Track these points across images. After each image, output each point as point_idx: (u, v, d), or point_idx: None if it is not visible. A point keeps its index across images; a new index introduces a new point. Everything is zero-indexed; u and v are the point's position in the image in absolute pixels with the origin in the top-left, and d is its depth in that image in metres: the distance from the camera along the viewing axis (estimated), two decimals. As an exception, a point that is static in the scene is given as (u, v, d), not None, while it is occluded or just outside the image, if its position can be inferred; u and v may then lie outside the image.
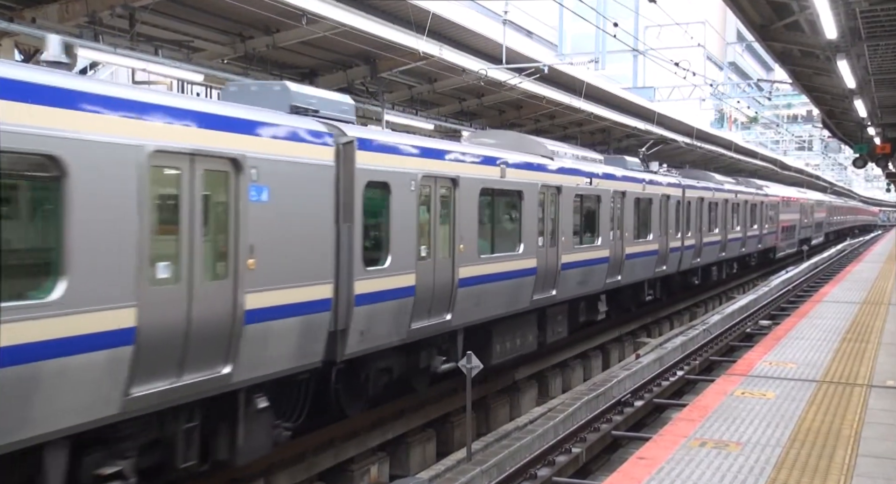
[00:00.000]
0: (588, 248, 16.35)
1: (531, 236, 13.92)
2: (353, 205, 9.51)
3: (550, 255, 14.65)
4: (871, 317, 15.82)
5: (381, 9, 15.25)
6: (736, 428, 8.03)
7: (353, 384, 10.68)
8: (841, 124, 24.10)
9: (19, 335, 5.95)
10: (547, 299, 14.59)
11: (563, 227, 15.12)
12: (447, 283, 11.53)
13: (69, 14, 12.11)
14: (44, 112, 6.22)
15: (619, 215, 18.13)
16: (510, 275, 13.20)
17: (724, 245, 27.72)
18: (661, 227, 21.00)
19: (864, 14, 10.42)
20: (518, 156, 13.80)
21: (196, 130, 7.59)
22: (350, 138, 9.57)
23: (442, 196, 11.55)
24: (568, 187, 15.38)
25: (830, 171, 76.39)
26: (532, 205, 13.95)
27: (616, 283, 17.98)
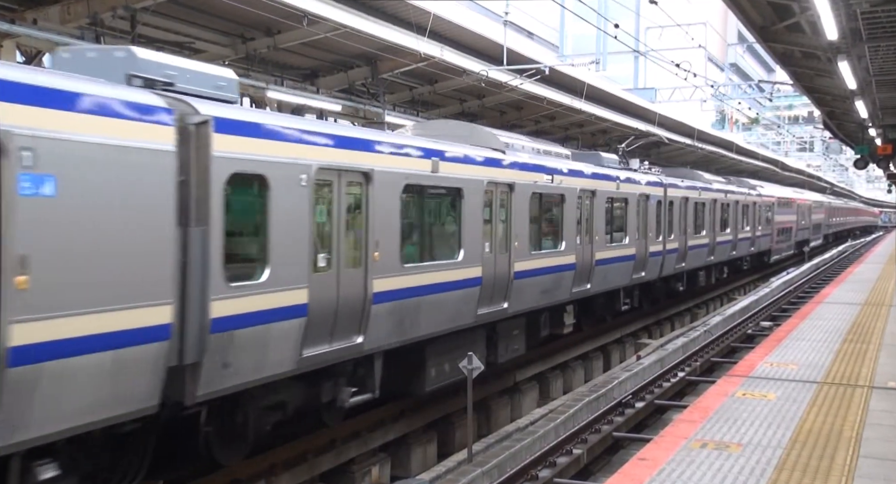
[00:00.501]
0: (549, 253, 14.57)
1: (475, 241, 12.05)
2: (207, 203, 7.44)
3: (501, 262, 12.86)
4: (872, 318, 15.82)
5: (382, 10, 15.27)
6: (737, 429, 8.02)
7: (229, 427, 8.70)
8: (842, 125, 24.11)
9: None
10: (497, 313, 12.83)
11: (517, 230, 13.29)
12: (357, 299, 9.54)
13: (70, 15, 12.13)
14: None
15: (587, 217, 16.33)
16: (447, 286, 11.39)
17: (712, 248, 26.02)
18: (639, 230, 19.22)
19: (864, 15, 10.43)
20: (458, 148, 11.95)
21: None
22: (203, 118, 7.49)
23: (350, 193, 9.55)
24: (523, 185, 13.53)
25: (832, 172, 76.38)
26: (475, 205, 12.08)
27: (585, 292, 16.19)
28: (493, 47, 18.64)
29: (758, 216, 32.22)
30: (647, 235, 19.82)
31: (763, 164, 48.84)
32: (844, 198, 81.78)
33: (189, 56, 15.08)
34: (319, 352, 8.99)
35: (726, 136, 43.41)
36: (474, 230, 12.08)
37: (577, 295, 15.93)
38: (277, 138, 8.45)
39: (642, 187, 19.61)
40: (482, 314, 12.43)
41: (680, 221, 22.56)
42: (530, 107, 24.00)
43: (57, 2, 12.10)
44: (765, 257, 35.26)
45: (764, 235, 33.65)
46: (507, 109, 24.85)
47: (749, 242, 30.95)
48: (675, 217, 22.17)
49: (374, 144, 9.98)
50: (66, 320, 6.27)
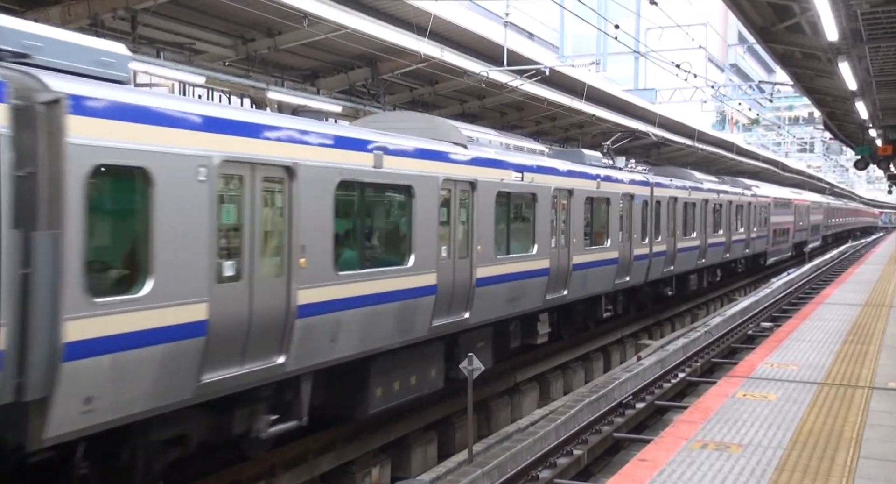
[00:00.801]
0: (519, 258, 13.44)
1: (428, 245, 10.81)
2: (59, 201, 6.15)
3: (461, 268, 11.73)
4: (872, 319, 15.81)
5: (383, 11, 15.28)
6: (737, 430, 8.02)
7: (114, 467, 7.56)
8: (842, 126, 24.12)
9: None
10: (457, 324, 11.70)
11: (481, 232, 12.11)
12: (277, 312, 8.23)
13: (71, 16, 12.14)
14: None
15: (564, 218, 15.13)
16: (394, 296, 10.14)
17: (703, 251, 24.77)
18: (622, 232, 18.05)
19: (864, 16, 10.43)
20: (406, 140, 10.71)
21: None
22: (54, 95, 6.14)
23: (268, 191, 8.30)
24: (487, 183, 12.32)
25: (832, 172, 76.39)
26: (429, 204, 10.85)
27: (561, 299, 15.03)
28: (493, 48, 18.66)
29: (753, 217, 31.18)
30: (632, 237, 18.69)
31: (763, 164, 48.86)
32: (844, 198, 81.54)
33: (190, 57, 15.11)
34: (226, 376, 7.68)
35: (727, 137, 43.43)
36: (427, 233, 10.78)
37: (553, 302, 14.78)
38: (166, 124, 7.06)
39: (626, 186, 18.51)
40: (438, 326, 11.15)
41: (668, 223, 21.49)
42: (531, 108, 24.01)
43: (58, 3, 12.11)
44: (761, 260, 34.33)
45: (760, 237, 32.63)
46: (508, 110, 24.86)
47: (744, 244, 29.96)
48: (663, 218, 21.10)
49: (298, 134, 8.65)
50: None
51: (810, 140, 62.13)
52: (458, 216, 11.73)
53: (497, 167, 12.77)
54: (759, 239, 32.58)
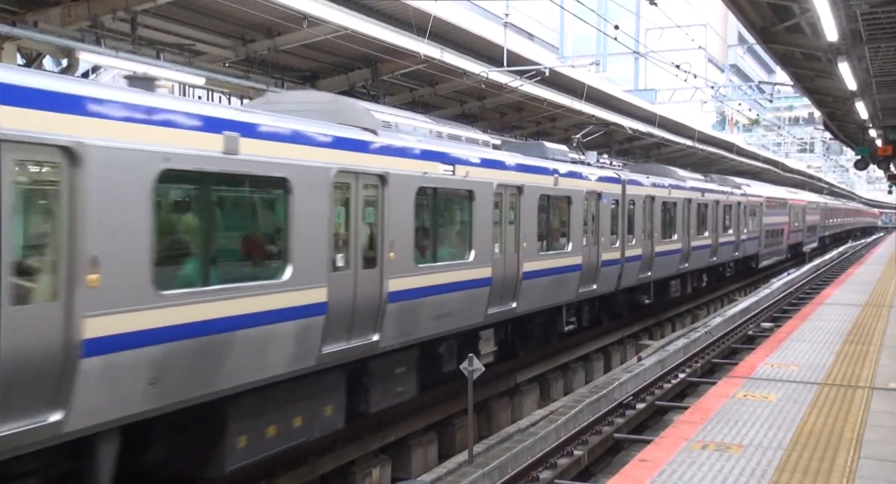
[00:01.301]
0: (450, 267, 11.53)
1: (313, 254, 8.79)
2: None
3: (366, 281, 9.63)
4: (872, 319, 15.81)
5: (382, 12, 15.28)
6: (738, 430, 8.03)
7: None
8: (842, 126, 24.14)
9: None
10: (362, 349, 9.71)
11: (396, 236, 10.15)
12: (48, 350, 6.12)
13: (71, 18, 12.15)
14: None
15: (509, 219, 13.24)
16: (259, 319, 8.08)
17: (686, 255, 22.95)
18: (587, 234, 16.27)
19: (864, 16, 10.44)
20: (276, 121, 8.58)
21: None
22: None
23: (31, 182, 6.25)
24: (403, 176, 10.36)
25: (832, 173, 76.43)
26: (315, 203, 8.88)
27: (509, 312, 13.27)
28: (493, 49, 18.66)
29: (743, 218, 29.50)
30: (600, 241, 16.85)
31: (764, 165, 48.89)
32: (843, 198, 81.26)
33: (190, 58, 15.11)
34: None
35: (726, 138, 43.44)
36: (312, 238, 8.77)
37: (498, 317, 12.99)
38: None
39: (591, 183, 16.58)
40: (332, 353, 9.17)
41: (644, 224, 19.74)
42: (531, 108, 24.01)
43: (57, 4, 12.11)
44: (752, 263, 32.62)
45: (751, 239, 30.95)
46: (508, 111, 24.87)
47: (732, 247, 28.28)
48: (638, 219, 19.31)
49: (86, 104, 6.44)
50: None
51: (810, 140, 62.20)
52: (362, 217, 9.67)
53: (419, 158, 10.76)
54: (751, 241, 31.00)
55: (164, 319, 7.03)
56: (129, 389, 6.80)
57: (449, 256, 11.83)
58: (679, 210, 22.38)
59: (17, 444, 5.94)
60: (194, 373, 7.39)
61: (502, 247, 12.94)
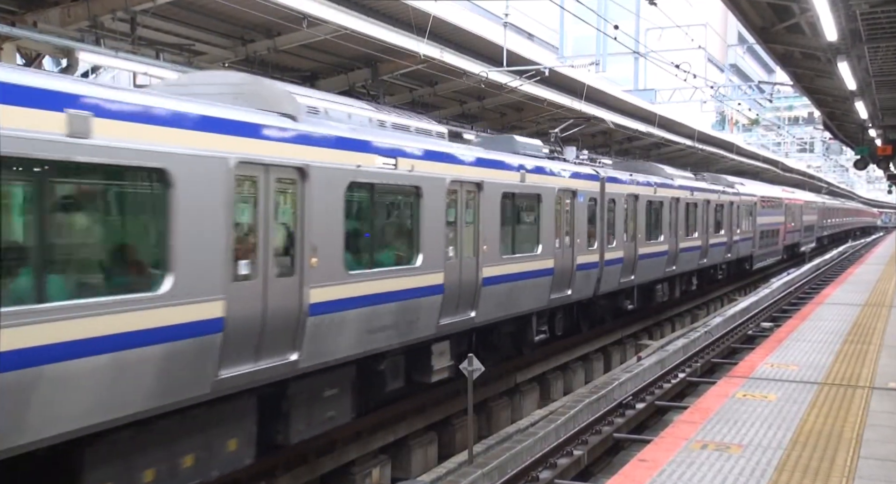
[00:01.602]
0: (390, 273, 10.23)
1: (204, 260, 7.45)
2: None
3: (279, 293, 8.33)
4: (872, 319, 15.82)
5: (382, 12, 15.28)
6: (737, 430, 8.03)
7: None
8: (842, 126, 24.13)
9: None
10: (275, 370, 8.37)
11: (318, 239, 8.82)
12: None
13: (71, 18, 12.15)
14: None
15: (466, 219, 12.07)
16: (133, 339, 6.82)
17: (673, 257, 21.74)
18: (560, 236, 15.04)
19: (864, 16, 10.44)
20: (157, 100, 7.26)
21: None
22: None
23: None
24: (328, 171, 9.00)
25: (832, 172, 76.45)
26: (208, 199, 7.51)
27: (467, 322, 12.06)
28: (493, 49, 18.66)
29: (736, 218, 28.36)
30: (575, 243, 15.62)
31: (763, 165, 48.89)
32: (842, 198, 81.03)
33: (190, 58, 15.11)
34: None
35: (726, 137, 43.44)
36: (202, 242, 7.40)
37: (454, 327, 11.74)
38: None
39: (564, 180, 15.27)
40: (233, 377, 7.82)
41: (626, 224, 18.53)
42: (531, 108, 24.01)
43: (57, 4, 12.11)
44: (746, 265, 31.41)
45: (744, 240, 29.76)
46: (508, 111, 24.87)
47: (724, 248, 27.16)
48: (619, 219, 18.08)
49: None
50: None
51: (810, 140, 62.17)
52: (275, 216, 8.40)
53: (349, 149, 9.47)
54: (744, 242, 29.83)
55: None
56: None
57: (390, 261, 10.57)
58: (666, 210, 21.17)
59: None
60: (36, 408, 6.12)
61: (458, 250, 11.76)
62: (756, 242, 31.86)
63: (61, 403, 6.26)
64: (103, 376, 6.58)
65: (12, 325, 5.88)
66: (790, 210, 39.59)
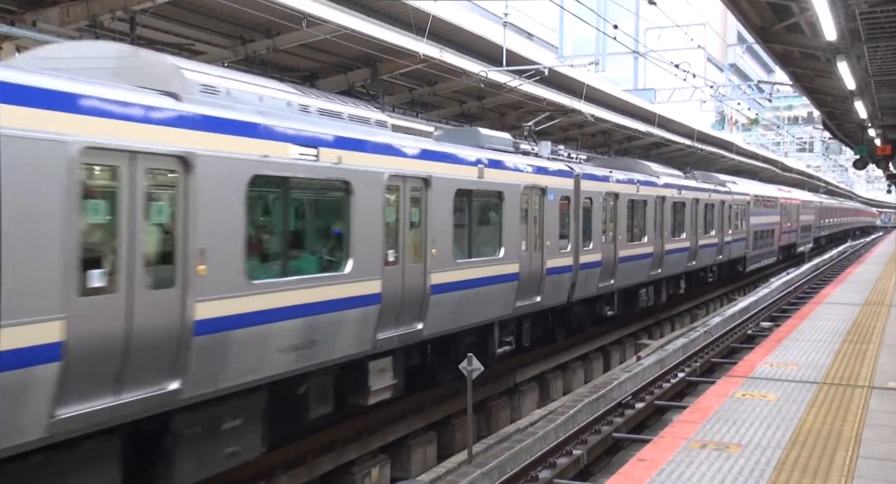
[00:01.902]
0: (307, 282, 8.71)
1: (33, 270, 6.10)
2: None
3: (152, 308, 7.02)
4: (872, 318, 15.82)
5: (382, 11, 15.28)
6: (737, 430, 8.03)
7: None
8: (841, 126, 24.13)
9: None
10: (148, 403, 7.05)
11: (207, 243, 7.52)
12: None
13: (70, 17, 12.14)
14: None
15: (409, 220, 10.69)
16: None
17: (658, 259, 20.60)
18: (527, 238, 13.88)
19: (863, 15, 10.43)
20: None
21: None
22: None
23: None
24: (222, 161, 7.73)
25: (832, 172, 76.49)
26: (36, 193, 6.13)
27: (412, 336, 10.77)
28: (492, 48, 18.66)
29: (728, 218, 27.42)
30: (545, 245, 14.46)
31: (763, 164, 48.91)
32: (841, 197, 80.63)
33: (189, 58, 15.11)
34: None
35: (726, 137, 43.46)
36: (28, 247, 6.03)
37: (394, 342, 10.36)
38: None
39: (531, 176, 14.09)
40: (81, 416, 6.45)
41: (605, 225, 17.40)
42: (530, 108, 24.01)
43: (56, 4, 12.11)
44: (738, 266, 30.36)
45: (736, 241, 28.76)
46: (507, 110, 24.87)
47: (715, 250, 26.15)
48: (597, 219, 16.86)
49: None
50: None
51: (810, 140, 62.18)
52: (143, 215, 7.01)
53: (252, 136, 8.14)
54: (736, 242, 28.82)
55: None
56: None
57: (311, 268, 9.09)
58: (650, 209, 20.03)
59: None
60: None
61: (399, 254, 10.37)
62: (750, 242, 30.93)
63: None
64: None
65: None
66: (786, 210, 38.74)
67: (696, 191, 24.07)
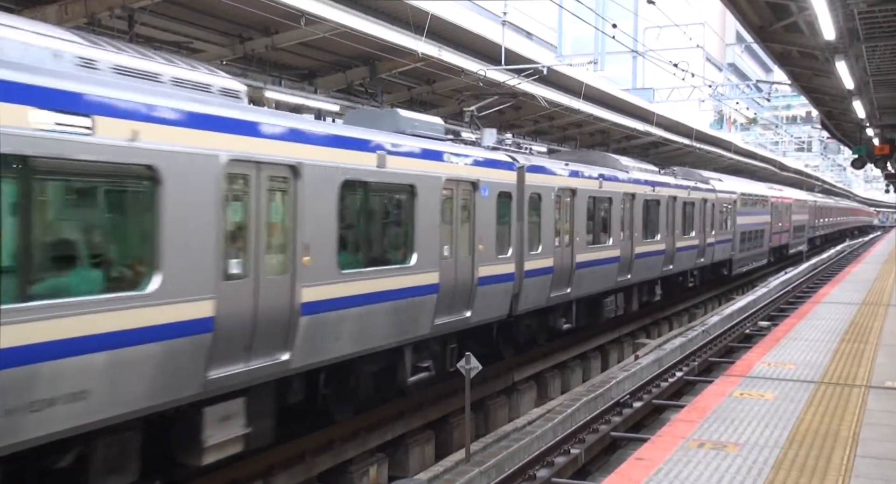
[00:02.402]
0: (77, 306, 6.41)
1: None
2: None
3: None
4: (869, 318, 15.83)
5: (380, 10, 15.27)
6: (734, 429, 8.03)
7: None
8: (840, 125, 24.14)
9: None
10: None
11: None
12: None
13: (68, 15, 12.13)
14: None
15: (266, 219, 8.48)
16: None
17: (627, 264, 18.55)
18: (452, 242, 11.72)
19: (862, 15, 10.43)
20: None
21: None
22: None
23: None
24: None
25: (830, 171, 76.56)
26: None
27: (275, 368, 8.55)
28: (491, 47, 18.65)
29: (711, 217, 25.38)
30: (476, 250, 12.29)
31: (761, 164, 48.94)
32: (837, 196, 79.43)
33: (187, 56, 15.08)
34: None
35: (724, 137, 43.49)
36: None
37: (241, 381, 8.08)
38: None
39: (457, 168, 11.81)
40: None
41: (558, 225, 15.26)
42: (529, 107, 24.01)
43: (55, 1, 12.09)
44: (723, 270, 28.21)
45: (721, 242, 26.66)
46: (505, 109, 24.85)
47: (696, 252, 24.09)
48: (546, 219, 14.62)
49: None
50: None
51: (808, 139, 62.24)
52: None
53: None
54: (721, 244, 26.72)
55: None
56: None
57: (88, 288, 6.67)
58: (616, 207, 17.96)
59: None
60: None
61: (249, 266, 8.13)
62: (736, 244, 28.68)
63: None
64: None
65: None
66: (777, 209, 36.63)
67: (674, 188, 22.24)
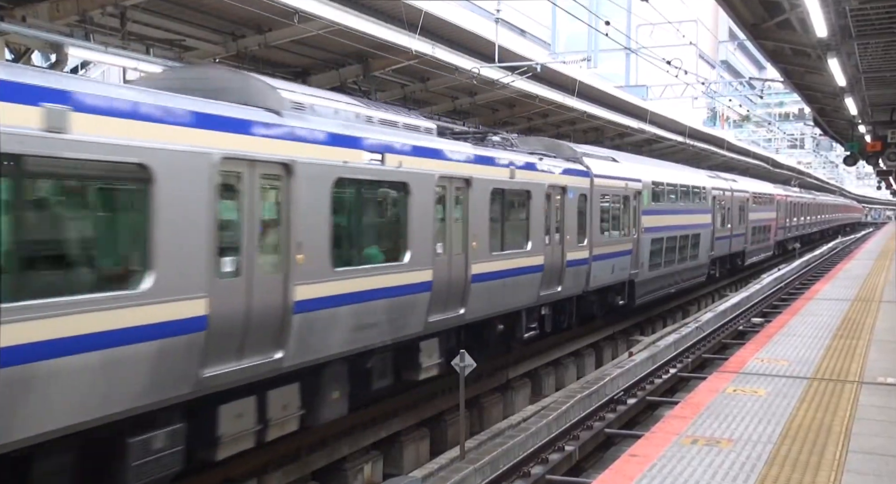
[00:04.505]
0: None
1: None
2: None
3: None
4: (862, 314, 15.89)
5: (374, 7, 15.25)
6: (728, 425, 8.06)
7: None
8: (832, 122, 24.19)
9: None
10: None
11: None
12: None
13: (60, 13, 12.08)
14: None
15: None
16: None
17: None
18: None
19: (854, 12, 10.46)
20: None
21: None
22: None
23: None
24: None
25: (822, 168, 76.79)
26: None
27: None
28: (484, 45, 18.64)
29: (588, 219, 17.14)
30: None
31: (754, 161, 49.02)
32: (822, 191, 70.28)
33: (180, 54, 15.04)
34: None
35: (717, 134, 43.57)
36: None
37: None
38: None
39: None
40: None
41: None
42: (523, 104, 24.01)
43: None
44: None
45: (613, 256, 18.33)
46: (500, 107, 24.86)
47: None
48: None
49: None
50: None
51: (801, 136, 62.36)
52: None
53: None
54: (616, 259, 18.56)
55: None
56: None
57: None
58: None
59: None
60: None
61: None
62: (640, 257, 19.89)
63: None
64: None
65: None
66: (722, 205, 27.58)
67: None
